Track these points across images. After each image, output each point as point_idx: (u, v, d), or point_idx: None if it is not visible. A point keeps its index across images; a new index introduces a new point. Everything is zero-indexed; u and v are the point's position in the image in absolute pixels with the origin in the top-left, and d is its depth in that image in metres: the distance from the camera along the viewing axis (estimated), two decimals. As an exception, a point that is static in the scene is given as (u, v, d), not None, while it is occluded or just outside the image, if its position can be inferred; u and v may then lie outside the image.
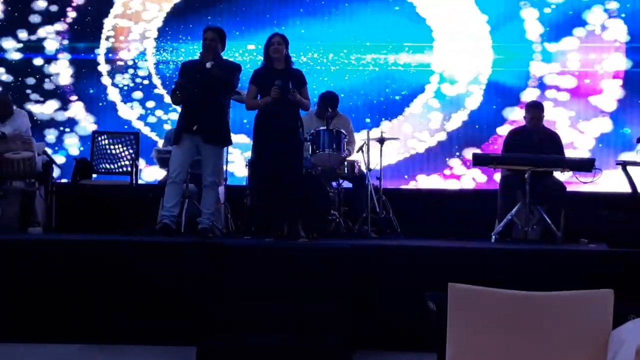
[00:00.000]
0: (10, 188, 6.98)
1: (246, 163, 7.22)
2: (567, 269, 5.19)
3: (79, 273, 5.22)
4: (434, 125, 8.56)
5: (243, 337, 4.79)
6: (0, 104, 7.14)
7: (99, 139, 7.56)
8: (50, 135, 8.69)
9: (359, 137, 7.32)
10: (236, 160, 8.22)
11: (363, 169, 7.02)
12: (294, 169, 6.03)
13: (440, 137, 8.55)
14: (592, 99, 8.48)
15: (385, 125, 8.44)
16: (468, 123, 8.54)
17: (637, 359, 2.69)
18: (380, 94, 8.61)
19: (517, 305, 3.01)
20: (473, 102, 8.57)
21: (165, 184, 6.31)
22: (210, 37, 6.17)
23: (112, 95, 8.74)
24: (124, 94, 8.75)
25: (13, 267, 5.26)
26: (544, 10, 8.58)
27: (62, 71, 8.79)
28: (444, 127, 8.54)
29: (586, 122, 8.45)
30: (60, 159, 8.38)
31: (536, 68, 8.54)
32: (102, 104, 8.75)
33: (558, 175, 6.73)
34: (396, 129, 8.42)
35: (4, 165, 6.72)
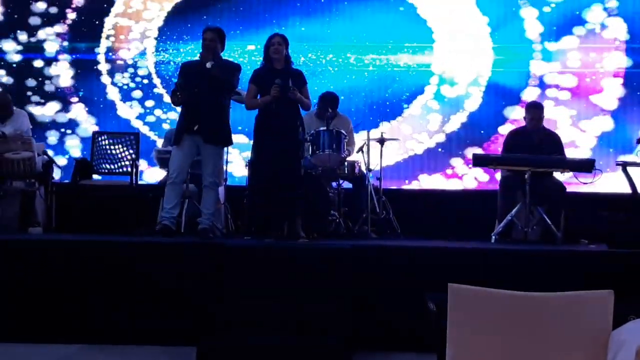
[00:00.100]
0: (10, 188, 6.98)
1: (246, 163, 7.22)
2: (567, 269, 5.19)
3: (79, 273, 5.22)
4: (433, 127, 8.56)
5: (243, 337, 4.79)
6: (0, 104, 7.14)
7: (99, 139, 7.56)
8: (52, 137, 8.69)
9: (359, 138, 7.32)
10: (234, 161, 8.22)
11: (363, 169, 7.02)
12: (293, 169, 6.03)
13: (440, 138, 8.55)
14: (593, 97, 8.49)
15: (385, 126, 8.43)
16: (468, 123, 8.53)
17: (637, 359, 2.69)
18: (380, 95, 8.61)
19: (517, 305, 3.01)
20: (473, 103, 8.56)
21: (165, 185, 6.31)
22: (210, 37, 6.17)
23: (112, 94, 8.74)
24: (124, 93, 8.74)
25: (13, 267, 5.26)
26: (543, 9, 8.59)
27: (63, 73, 8.79)
28: (443, 128, 8.53)
29: (587, 120, 8.46)
30: (61, 161, 8.35)
31: (536, 67, 8.54)
32: (103, 105, 8.74)
33: (558, 175, 6.73)
34: (395, 130, 8.41)
35: (4, 166, 6.72)
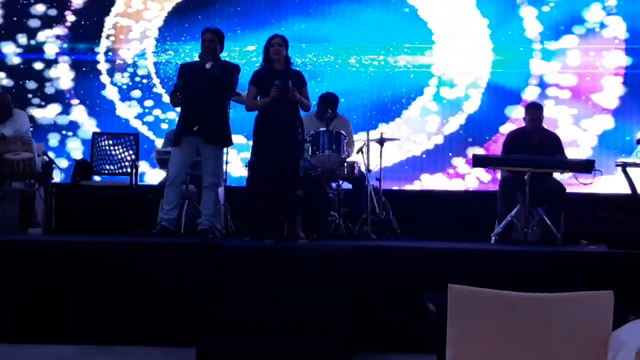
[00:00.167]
0: (10, 189, 6.97)
1: (245, 164, 7.21)
2: (567, 270, 5.19)
3: (79, 274, 5.22)
4: (432, 128, 8.55)
5: (243, 337, 4.80)
6: (0, 105, 7.13)
7: (99, 140, 7.56)
8: (53, 139, 8.68)
9: (358, 139, 7.31)
10: (233, 161, 8.22)
11: (363, 170, 7.02)
12: (293, 170, 6.03)
13: (441, 139, 8.55)
14: (593, 96, 8.49)
15: (383, 127, 8.43)
16: (468, 124, 8.53)
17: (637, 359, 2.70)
18: (380, 96, 8.61)
19: (517, 306, 3.01)
20: (473, 103, 8.56)
21: (164, 185, 6.30)
22: (209, 38, 6.17)
23: (111, 94, 8.74)
24: (123, 93, 8.74)
25: (13, 267, 5.25)
26: (542, 8, 8.59)
27: (63, 75, 8.79)
28: (442, 129, 8.53)
29: (588, 119, 8.46)
30: (63, 163, 8.34)
31: (536, 67, 8.54)
32: (102, 106, 8.74)
33: (558, 176, 6.72)
34: (395, 131, 8.41)
35: (4, 166, 6.70)
